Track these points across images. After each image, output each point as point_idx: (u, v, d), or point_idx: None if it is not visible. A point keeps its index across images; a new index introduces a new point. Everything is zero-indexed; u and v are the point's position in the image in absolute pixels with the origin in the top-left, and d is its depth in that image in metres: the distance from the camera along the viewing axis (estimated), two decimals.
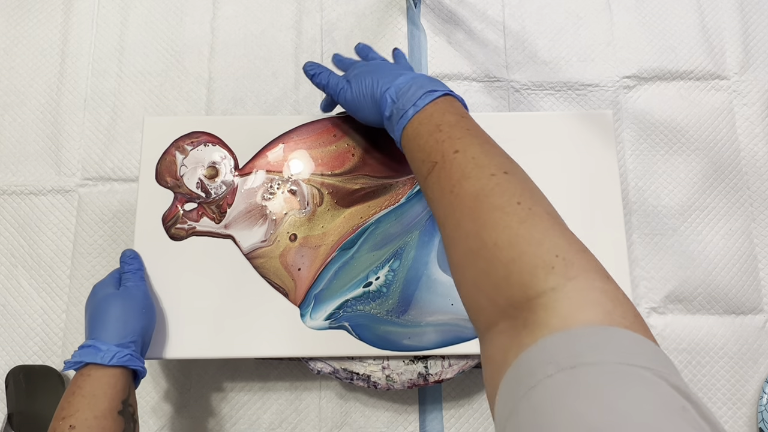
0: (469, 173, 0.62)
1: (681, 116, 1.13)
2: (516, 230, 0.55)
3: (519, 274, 0.53)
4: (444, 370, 0.85)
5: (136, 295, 0.80)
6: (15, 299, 1.05)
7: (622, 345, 0.45)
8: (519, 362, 0.48)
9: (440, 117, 0.70)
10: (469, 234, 0.59)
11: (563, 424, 0.40)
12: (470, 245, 0.59)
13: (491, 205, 0.58)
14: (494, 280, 0.55)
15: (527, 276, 0.52)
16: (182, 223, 0.87)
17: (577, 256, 0.53)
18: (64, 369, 0.74)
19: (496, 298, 0.55)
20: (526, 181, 0.62)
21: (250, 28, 1.18)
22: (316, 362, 0.86)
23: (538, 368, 0.45)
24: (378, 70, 0.81)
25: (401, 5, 1.18)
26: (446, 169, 0.65)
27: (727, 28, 1.17)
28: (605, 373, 0.42)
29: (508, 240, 0.55)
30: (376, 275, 0.85)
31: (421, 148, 0.70)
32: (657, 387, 0.41)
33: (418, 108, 0.72)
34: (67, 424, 0.68)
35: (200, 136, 0.90)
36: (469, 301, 0.60)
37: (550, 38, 1.17)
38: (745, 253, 1.06)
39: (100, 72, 1.15)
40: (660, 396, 0.40)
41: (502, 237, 0.56)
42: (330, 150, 0.90)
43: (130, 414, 0.73)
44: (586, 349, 0.45)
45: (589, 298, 0.49)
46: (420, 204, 0.88)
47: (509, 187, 0.60)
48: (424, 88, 0.74)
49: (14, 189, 1.09)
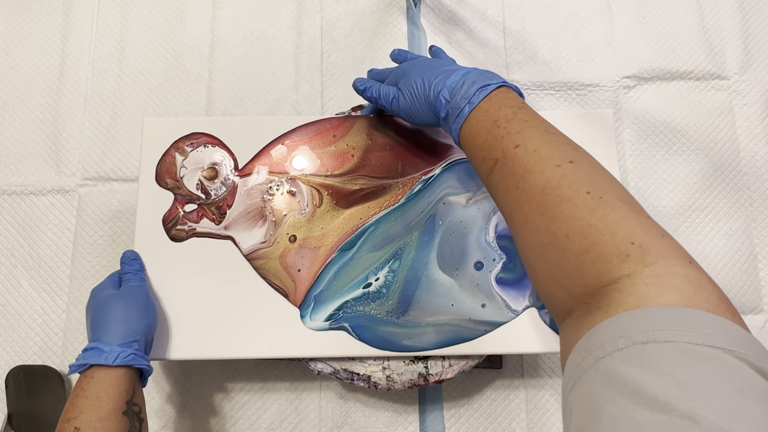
0: (532, 167, 0.62)
1: (681, 116, 1.13)
2: (587, 220, 0.55)
3: (592, 263, 0.53)
4: (444, 370, 0.85)
5: (137, 294, 0.80)
6: (15, 299, 1.05)
7: (700, 326, 0.44)
8: (590, 335, 0.48)
9: (496, 112, 0.69)
10: (539, 228, 0.59)
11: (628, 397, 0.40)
12: (540, 239, 0.59)
13: (559, 198, 0.58)
14: (567, 271, 0.55)
15: (601, 264, 0.52)
16: (182, 225, 0.87)
17: (655, 242, 0.52)
18: (69, 373, 0.74)
19: (570, 287, 0.55)
20: (593, 168, 0.61)
21: (250, 28, 1.18)
22: (316, 363, 0.86)
23: (608, 341, 0.45)
24: (425, 69, 0.80)
25: (401, 5, 1.18)
26: (508, 166, 0.65)
27: (727, 28, 1.17)
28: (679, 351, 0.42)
29: (579, 231, 0.55)
30: (376, 276, 0.85)
31: (480, 146, 0.70)
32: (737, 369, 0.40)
33: (473, 105, 0.71)
34: (71, 426, 0.69)
35: (200, 137, 0.90)
36: (544, 292, 0.60)
37: (550, 38, 1.17)
38: (745, 253, 1.06)
39: (100, 72, 1.15)
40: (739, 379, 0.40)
41: (572, 229, 0.56)
42: (330, 151, 0.90)
43: (136, 414, 0.73)
44: (661, 327, 0.44)
45: (668, 283, 0.48)
46: (420, 204, 0.88)
47: (576, 177, 0.59)
48: (477, 83, 0.72)
49: (14, 189, 1.09)
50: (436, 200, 0.88)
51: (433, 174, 0.89)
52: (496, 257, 0.86)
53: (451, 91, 0.74)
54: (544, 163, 0.62)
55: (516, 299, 0.84)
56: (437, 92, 0.76)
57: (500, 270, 0.85)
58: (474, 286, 0.84)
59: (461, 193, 0.88)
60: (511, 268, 0.85)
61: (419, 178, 0.89)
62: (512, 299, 0.84)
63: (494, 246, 0.86)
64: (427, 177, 0.89)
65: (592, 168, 0.61)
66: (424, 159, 0.90)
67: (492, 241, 0.86)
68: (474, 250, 0.86)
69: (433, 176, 0.89)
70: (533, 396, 1.00)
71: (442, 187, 0.88)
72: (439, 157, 0.90)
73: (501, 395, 1.00)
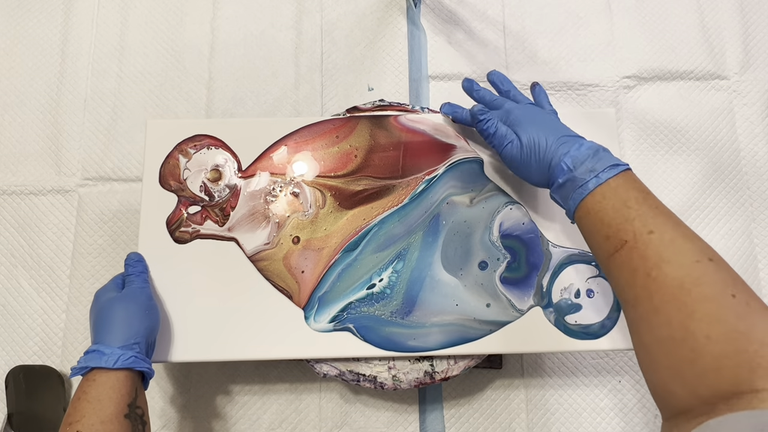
0: (669, 258, 0.61)
1: (681, 116, 1.13)
2: (734, 326, 0.54)
3: (735, 369, 0.52)
4: (450, 367, 0.85)
5: (138, 296, 0.80)
6: (15, 299, 1.04)
7: None
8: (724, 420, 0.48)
9: (626, 193, 0.68)
10: (672, 322, 0.58)
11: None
12: (672, 333, 0.57)
13: (701, 296, 0.57)
14: (700, 371, 0.54)
15: (745, 372, 0.51)
16: (186, 226, 0.87)
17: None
18: (71, 376, 0.74)
19: (697, 387, 0.54)
20: (731, 269, 0.60)
21: (250, 28, 1.17)
22: (321, 366, 0.86)
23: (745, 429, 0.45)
24: (545, 127, 0.78)
25: (401, 5, 1.18)
26: (640, 250, 0.63)
27: (727, 28, 1.17)
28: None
29: (724, 335, 0.54)
30: (380, 277, 0.85)
31: (606, 223, 0.68)
32: None
33: (600, 180, 0.70)
34: (74, 430, 0.68)
35: (203, 139, 0.90)
36: (659, 386, 0.59)
37: (550, 38, 1.17)
38: (745, 253, 1.07)
39: (100, 72, 1.15)
40: None
41: (715, 330, 0.54)
42: (333, 152, 0.90)
43: (139, 416, 0.73)
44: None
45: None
46: (423, 205, 0.88)
47: (718, 277, 0.58)
48: (605, 161, 0.71)
49: (14, 189, 1.09)
50: (439, 200, 0.88)
51: (436, 174, 0.89)
52: (501, 257, 0.86)
53: (575, 161, 0.73)
54: (682, 256, 0.60)
55: (520, 299, 0.84)
56: (560, 158, 0.74)
57: (504, 269, 0.85)
58: (478, 286, 0.84)
59: (465, 193, 0.88)
60: (516, 267, 0.85)
61: (422, 179, 0.89)
62: (517, 299, 0.84)
63: (498, 245, 0.86)
64: (431, 177, 0.89)
65: (730, 269, 0.60)
66: (427, 159, 0.90)
67: (496, 241, 0.86)
68: (478, 249, 0.86)
69: (436, 176, 0.89)
70: (533, 396, 1.00)
71: (446, 187, 0.88)
72: (442, 157, 0.90)
73: (501, 395, 1.00)
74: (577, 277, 0.85)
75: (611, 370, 1.01)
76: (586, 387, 1.00)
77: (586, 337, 0.83)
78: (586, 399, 0.99)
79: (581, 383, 1.00)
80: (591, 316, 0.84)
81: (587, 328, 0.83)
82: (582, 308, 0.84)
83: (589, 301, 0.84)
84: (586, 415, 0.99)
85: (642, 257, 0.63)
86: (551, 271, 0.86)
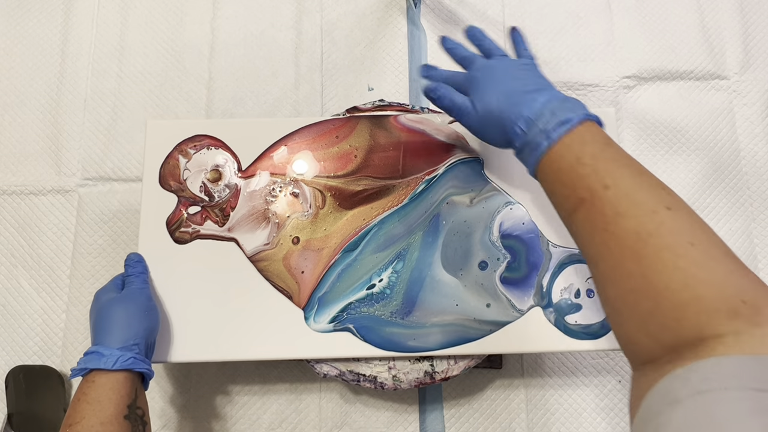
0: (625, 210, 0.60)
1: (681, 116, 1.13)
2: (692, 273, 0.54)
3: (695, 316, 0.52)
4: (450, 367, 0.85)
5: (138, 297, 0.80)
6: (15, 299, 1.04)
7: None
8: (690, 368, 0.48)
9: (580, 148, 0.66)
10: (632, 274, 0.57)
11: None
12: (632, 285, 0.57)
13: (657, 246, 0.56)
14: (662, 321, 0.54)
15: (705, 318, 0.51)
16: (186, 227, 0.87)
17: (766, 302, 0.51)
18: (71, 377, 0.74)
19: (661, 336, 0.54)
20: (692, 217, 0.59)
21: (250, 28, 1.17)
22: (322, 366, 0.86)
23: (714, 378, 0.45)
24: (502, 87, 0.74)
25: (401, 5, 1.18)
26: (596, 206, 0.62)
27: (727, 28, 1.17)
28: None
29: (682, 283, 0.53)
30: (380, 277, 0.85)
31: (562, 183, 0.67)
32: None
33: (552, 140, 0.68)
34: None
35: (203, 139, 0.90)
36: (626, 337, 0.59)
37: (550, 38, 1.17)
38: (745, 253, 1.07)
39: (100, 72, 1.15)
40: None
41: (674, 279, 0.54)
42: (332, 152, 0.90)
43: (139, 417, 0.73)
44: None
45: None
46: (423, 205, 0.88)
47: (676, 225, 0.58)
48: (557, 116, 0.68)
49: (14, 189, 1.09)
50: (439, 200, 0.88)
51: (436, 174, 0.89)
52: (501, 257, 0.86)
53: (528, 123, 0.70)
54: (638, 208, 0.60)
55: (521, 299, 0.84)
56: (513, 122, 0.71)
57: (504, 269, 0.85)
58: (478, 286, 0.84)
59: (465, 193, 0.88)
60: (516, 267, 0.85)
61: (422, 179, 0.89)
62: (517, 299, 0.84)
63: (498, 245, 0.86)
64: (431, 177, 0.89)
65: (691, 216, 0.59)
66: (427, 159, 0.90)
67: (496, 241, 0.86)
68: (478, 249, 0.86)
69: (436, 176, 0.89)
70: (533, 396, 1.00)
71: (446, 187, 0.88)
72: (442, 156, 0.90)
73: (501, 395, 1.00)
74: (577, 276, 0.85)
75: (611, 370, 1.01)
76: (586, 387, 1.00)
77: (586, 337, 0.83)
78: (586, 399, 0.99)
79: (581, 383, 1.00)
80: (591, 316, 0.84)
81: (587, 328, 0.83)
82: (582, 308, 0.84)
83: (590, 301, 0.84)
84: (586, 415, 0.99)
85: (600, 213, 0.62)
86: (551, 271, 0.86)
